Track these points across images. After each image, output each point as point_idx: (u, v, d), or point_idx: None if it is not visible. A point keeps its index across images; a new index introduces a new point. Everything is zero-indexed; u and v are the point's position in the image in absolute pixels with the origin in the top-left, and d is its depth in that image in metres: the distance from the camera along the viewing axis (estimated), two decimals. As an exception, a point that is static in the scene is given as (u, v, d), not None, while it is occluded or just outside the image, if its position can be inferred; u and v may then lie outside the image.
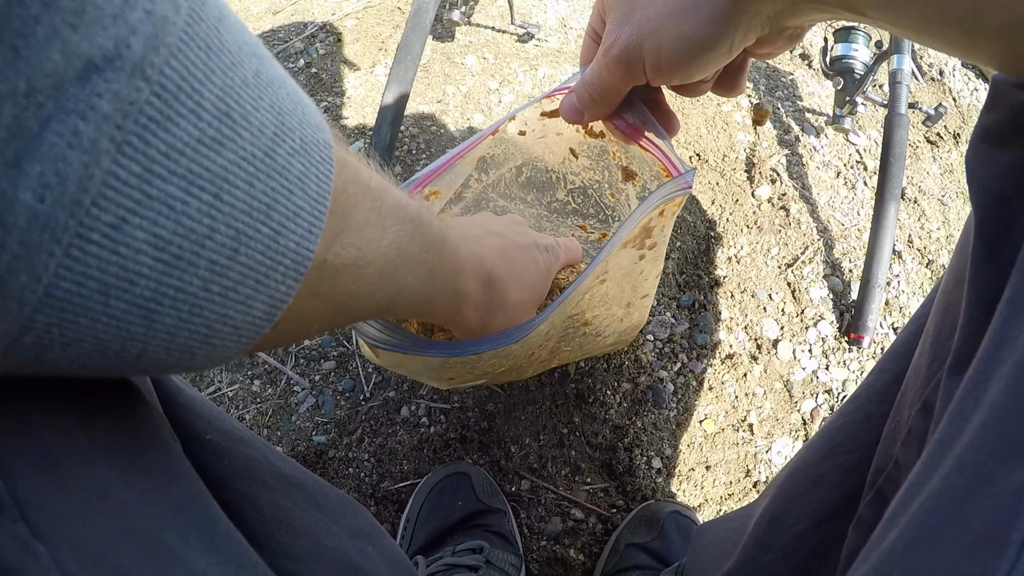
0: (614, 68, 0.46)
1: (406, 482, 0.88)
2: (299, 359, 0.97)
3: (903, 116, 1.07)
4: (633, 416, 0.92)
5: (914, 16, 0.31)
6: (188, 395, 0.46)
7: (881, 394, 0.46)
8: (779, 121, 1.23)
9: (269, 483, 0.49)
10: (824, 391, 0.97)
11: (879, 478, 0.40)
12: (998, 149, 0.31)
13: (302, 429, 0.92)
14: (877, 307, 0.99)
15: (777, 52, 0.46)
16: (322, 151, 0.28)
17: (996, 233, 0.30)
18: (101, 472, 0.26)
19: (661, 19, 0.41)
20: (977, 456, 0.24)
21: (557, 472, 0.88)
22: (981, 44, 0.30)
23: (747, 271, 1.05)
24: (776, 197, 1.12)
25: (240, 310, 0.25)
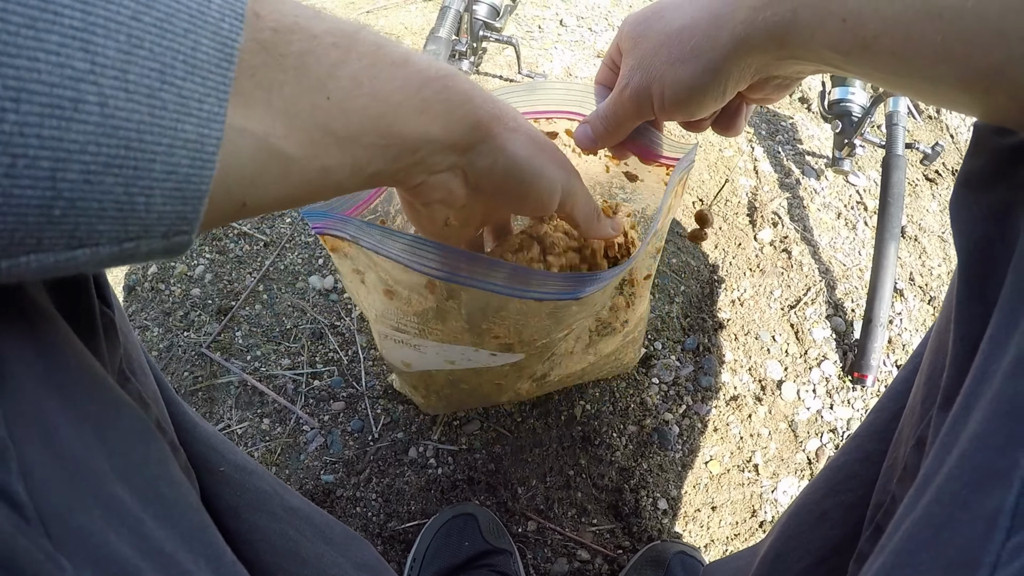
0: (627, 105, 0.50)
1: (413, 522, 0.89)
2: (308, 399, 0.99)
3: (900, 157, 1.10)
4: (639, 458, 0.93)
5: (883, 70, 0.34)
6: (204, 429, 0.48)
7: (880, 432, 0.48)
8: (780, 164, 1.25)
9: (279, 514, 0.51)
10: (829, 430, 0.98)
11: (878, 513, 0.42)
12: (980, 194, 0.33)
13: (310, 468, 0.93)
14: (880, 346, 1.00)
15: (770, 99, 0.51)
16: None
17: (979, 274, 0.32)
18: (119, 492, 0.28)
19: (664, 67, 0.45)
20: (954, 485, 0.25)
21: (563, 513, 0.89)
22: (948, 93, 0.32)
23: (750, 313, 1.06)
24: (778, 240, 1.14)
25: (185, 44, 0.25)
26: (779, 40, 0.38)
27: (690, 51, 0.43)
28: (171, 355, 1.03)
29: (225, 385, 1.00)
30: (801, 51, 0.37)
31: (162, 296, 1.10)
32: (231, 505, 0.46)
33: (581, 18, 1.51)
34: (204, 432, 0.48)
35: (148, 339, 1.05)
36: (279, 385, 1.00)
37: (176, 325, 1.06)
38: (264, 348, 1.04)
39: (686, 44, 0.43)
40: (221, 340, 1.05)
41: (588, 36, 1.47)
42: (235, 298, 1.08)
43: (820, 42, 0.35)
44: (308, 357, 1.03)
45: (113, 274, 1.12)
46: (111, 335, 0.37)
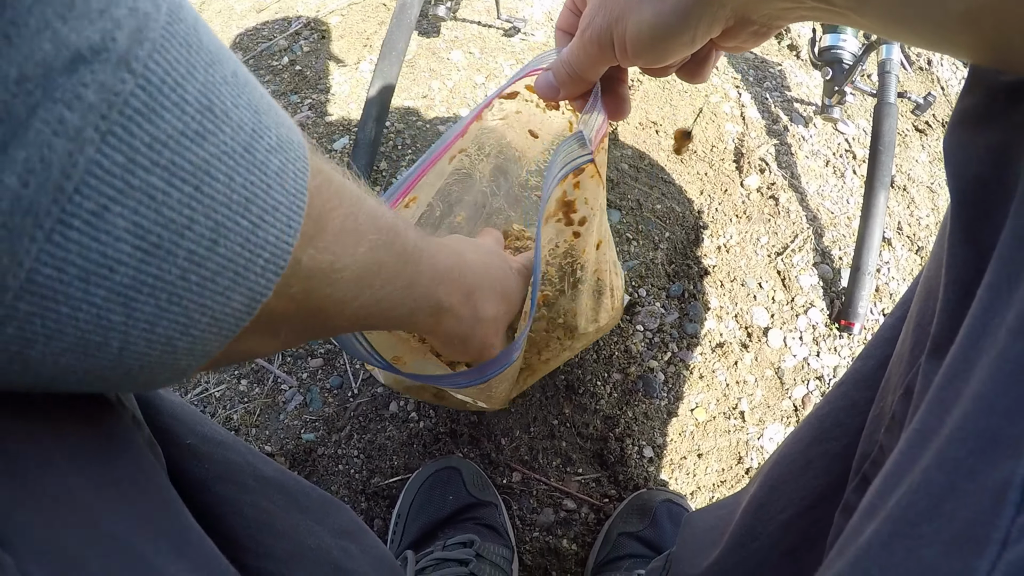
0: (589, 48, 0.47)
1: (396, 478, 0.87)
2: (286, 357, 0.96)
3: (892, 106, 1.07)
4: (624, 406, 0.91)
5: (884, 5, 0.30)
6: (169, 400, 0.46)
7: (866, 380, 0.46)
8: (767, 111, 1.22)
9: (250, 485, 0.49)
10: (815, 378, 0.97)
11: (864, 463, 0.40)
12: (975, 132, 0.30)
13: (290, 427, 0.91)
14: (867, 294, 0.98)
15: (743, 47, 0.46)
16: (297, 150, 0.28)
17: (973, 217, 0.29)
18: (69, 480, 0.26)
19: (627, 5, 0.41)
20: (958, 451, 0.23)
21: (548, 463, 0.88)
22: (950, 34, 0.29)
23: (737, 260, 1.04)
24: (765, 186, 1.12)
25: (219, 301, 0.25)
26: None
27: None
28: (144, 315, 1.01)
29: (200, 344, 0.98)
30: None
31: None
32: (199, 478, 0.44)
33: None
34: (169, 404, 0.46)
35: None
36: (255, 342, 0.98)
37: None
38: (239, 305, 1.01)
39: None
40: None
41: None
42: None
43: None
44: (284, 313, 1.00)
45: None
46: None
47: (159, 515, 0.30)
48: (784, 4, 0.36)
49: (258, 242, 0.26)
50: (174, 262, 0.23)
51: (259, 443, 0.91)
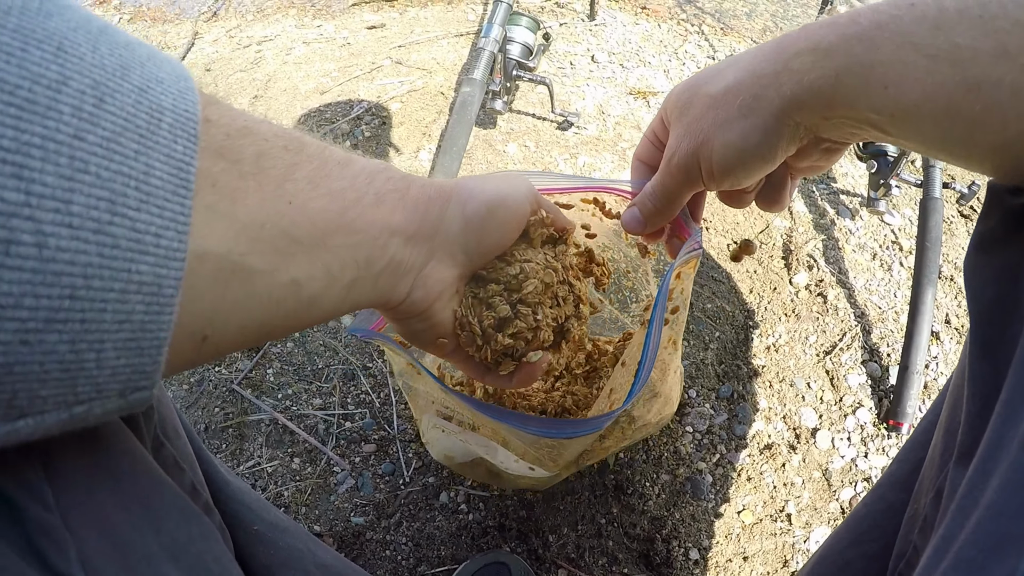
0: (676, 175, 0.49)
1: (443, 567, 0.88)
2: (339, 440, 0.99)
3: (938, 200, 1.08)
4: (671, 507, 0.92)
5: (924, 135, 0.34)
6: (236, 487, 0.49)
7: (901, 483, 0.48)
8: (814, 205, 1.24)
9: (312, 572, 0.51)
10: (863, 479, 0.96)
11: (900, 563, 0.42)
12: (991, 255, 0.33)
13: (341, 509, 0.93)
14: (916, 393, 0.98)
15: (817, 167, 0.49)
16: (167, 56, 0.27)
17: (990, 335, 0.32)
18: (171, 572, 0.29)
19: (712, 129, 0.44)
20: (970, 551, 0.26)
21: (595, 562, 0.88)
22: (978, 158, 0.33)
23: (785, 360, 1.05)
24: (813, 284, 1.13)
25: (134, 167, 0.22)
26: (827, 100, 0.38)
27: (737, 110, 0.42)
28: (202, 390, 1.04)
29: (256, 423, 1.01)
30: (848, 111, 0.37)
31: (196, 331, 1.11)
32: (265, 564, 0.47)
33: (612, 54, 1.52)
34: (237, 489, 0.48)
35: (179, 374, 1.06)
36: (310, 425, 1.01)
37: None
38: (295, 387, 1.04)
39: (732, 103, 0.43)
40: (252, 377, 1.06)
41: (619, 72, 1.47)
42: (268, 335, 1.09)
43: (866, 104, 0.36)
44: (340, 398, 1.03)
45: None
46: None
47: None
48: (850, 130, 0.39)
49: (152, 105, 0.24)
50: (60, 119, 0.20)
51: (308, 522, 0.93)
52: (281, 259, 0.30)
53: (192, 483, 0.40)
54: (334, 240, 0.33)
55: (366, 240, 0.35)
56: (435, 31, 1.62)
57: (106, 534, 0.27)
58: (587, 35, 1.58)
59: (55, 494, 0.25)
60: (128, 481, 0.29)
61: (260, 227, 0.29)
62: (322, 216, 0.32)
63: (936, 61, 0.32)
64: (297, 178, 0.31)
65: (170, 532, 0.31)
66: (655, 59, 1.51)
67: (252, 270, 0.29)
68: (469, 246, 0.44)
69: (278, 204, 0.30)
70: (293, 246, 0.31)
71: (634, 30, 1.59)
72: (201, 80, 1.60)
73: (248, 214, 0.28)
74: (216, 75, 1.60)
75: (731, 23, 1.59)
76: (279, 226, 0.30)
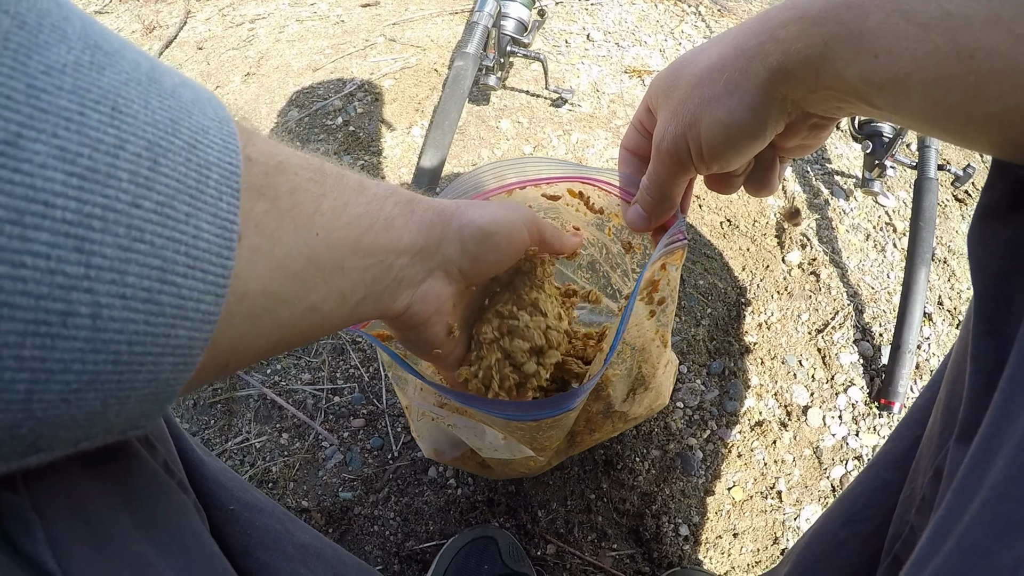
0: (666, 160, 0.48)
1: (431, 542, 0.88)
2: (328, 415, 0.98)
3: (933, 180, 1.08)
4: (661, 483, 0.92)
5: (915, 107, 0.33)
6: (211, 466, 0.48)
7: (897, 461, 0.47)
8: (809, 185, 1.24)
9: (289, 552, 0.50)
10: (854, 457, 0.96)
11: (896, 544, 0.41)
12: (997, 227, 0.32)
13: (329, 484, 0.93)
14: (908, 372, 0.98)
15: (806, 145, 0.48)
16: (205, 91, 0.28)
17: (994, 309, 0.31)
18: (145, 550, 0.28)
19: (699, 108, 0.43)
20: (976, 534, 0.25)
21: (584, 537, 0.88)
22: (973, 133, 0.32)
23: (777, 337, 1.05)
24: (807, 262, 1.13)
25: (185, 231, 0.23)
26: (815, 70, 0.37)
27: (723, 86, 0.41)
28: (193, 366, 1.03)
29: (244, 398, 1.00)
30: (836, 81, 0.36)
31: (185, 306, 1.10)
32: (241, 544, 0.46)
33: (608, 33, 1.50)
34: (212, 469, 0.47)
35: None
36: (299, 400, 1.00)
37: (198, 336, 1.06)
38: (284, 362, 1.04)
39: (718, 80, 0.42)
40: (243, 352, 1.05)
41: (615, 51, 1.46)
42: (257, 310, 1.08)
43: (854, 74, 0.35)
44: (328, 372, 1.02)
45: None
46: None
47: (207, 573, 0.32)
48: (837, 104, 0.39)
49: (200, 161, 0.24)
50: (118, 186, 0.20)
51: (296, 498, 0.92)
52: (304, 288, 0.32)
53: (165, 461, 0.39)
54: (349, 264, 0.35)
55: (376, 263, 0.38)
56: (430, 8, 1.61)
57: (77, 512, 0.26)
58: (583, 14, 1.56)
59: (23, 473, 0.25)
60: (99, 456, 0.29)
61: (293, 260, 0.30)
62: (342, 244, 0.34)
63: (927, 29, 0.31)
64: (323, 210, 0.33)
65: (146, 508, 0.30)
66: (651, 39, 1.49)
67: (281, 301, 0.30)
68: (465, 266, 0.46)
69: (307, 237, 0.31)
70: (316, 275, 0.32)
71: (631, 9, 1.58)
72: (194, 59, 1.59)
73: (284, 251, 0.30)
74: (208, 53, 1.59)
75: (728, 4, 1.58)
76: (307, 257, 0.31)
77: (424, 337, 0.48)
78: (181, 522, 0.32)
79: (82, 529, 0.26)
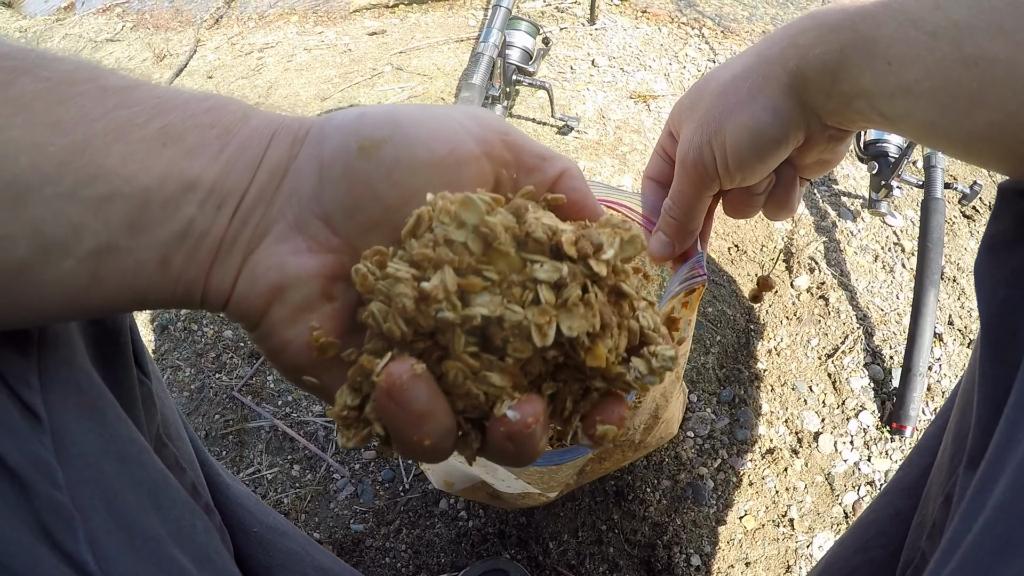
0: (691, 173, 0.48)
1: (443, 575, 0.88)
2: (339, 447, 0.99)
3: (939, 201, 1.07)
4: (673, 513, 0.91)
5: (923, 115, 0.35)
6: (236, 490, 0.49)
7: (909, 488, 0.47)
8: (815, 206, 1.24)
9: (310, 575, 0.51)
10: (866, 483, 0.95)
11: (907, 570, 0.41)
12: (1003, 257, 0.33)
13: (340, 516, 0.93)
14: (919, 395, 0.97)
15: (823, 164, 0.49)
16: None
17: (1001, 338, 0.32)
18: (178, 556, 0.29)
19: (724, 115, 0.44)
20: (977, 553, 0.26)
21: (595, 569, 0.88)
22: (977, 142, 0.33)
23: (787, 363, 1.05)
24: (815, 286, 1.13)
25: None
26: (832, 74, 0.38)
27: (747, 92, 0.43)
28: (202, 396, 1.04)
29: (256, 430, 1.01)
30: (851, 87, 0.38)
31: (195, 337, 1.11)
32: (264, 566, 0.47)
33: (613, 58, 1.51)
34: (237, 493, 0.49)
35: (180, 379, 1.06)
36: (310, 432, 1.00)
37: (208, 367, 1.07)
38: (295, 394, 1.04)
39: (742, 87, 0.43)
40: (253, 384, 1.06)
41: (620, 76, 1.47)
42: (268, 342, 1.09)
43: (868, 81, 0.36)
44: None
45: (145, 314, 1.14)
46: (148, 403, 0.38)
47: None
48: (850, 114, 0.40)
49: None
50: None
51: (308, 529, 0.92)
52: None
53: (193, 484, 0.41)
54: (53, 188, 0.24)
55: (128, 191, 0.25)
56: (435, 36, 1.63)
57: (114, 514, 0.27)
58: (587, 39, 1.58)
59: (64, 470, 0.25)
60: (135, 465, 0.30)
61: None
62: (34, 153, 0.23)
63: (935, 38, 0.32)
64: (11, 97, 0.23)
65: (176, 520, 0.31)
66: (656, 63, 1.50)
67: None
68: (333, 213, 0.28)
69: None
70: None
71: (634, 34, 1.59)
72: (204, 88, 1.61)
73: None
74: (218, 82, 1.61)
75: (731, 26, 1.59)
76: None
77: (270, 346, 0.29)
78: (207, 539, 0.33)
79: (118, 530, 0.26)
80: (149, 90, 0.26)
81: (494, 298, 0.26)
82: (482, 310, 0.26)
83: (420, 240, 0.27)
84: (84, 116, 0.24)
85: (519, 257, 0.27)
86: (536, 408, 0.27)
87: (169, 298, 0.27)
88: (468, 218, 0.26)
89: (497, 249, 0.26)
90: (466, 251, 0.26)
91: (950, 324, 1.10)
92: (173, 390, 1.06)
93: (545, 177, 0.32)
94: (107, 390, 0.31)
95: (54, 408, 0.27)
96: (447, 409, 0.27)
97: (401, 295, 0.26)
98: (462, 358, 0.27)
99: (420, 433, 0.26)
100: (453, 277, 0.26)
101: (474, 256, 0.26)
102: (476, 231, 0.26)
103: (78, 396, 0.28)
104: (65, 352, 0.29)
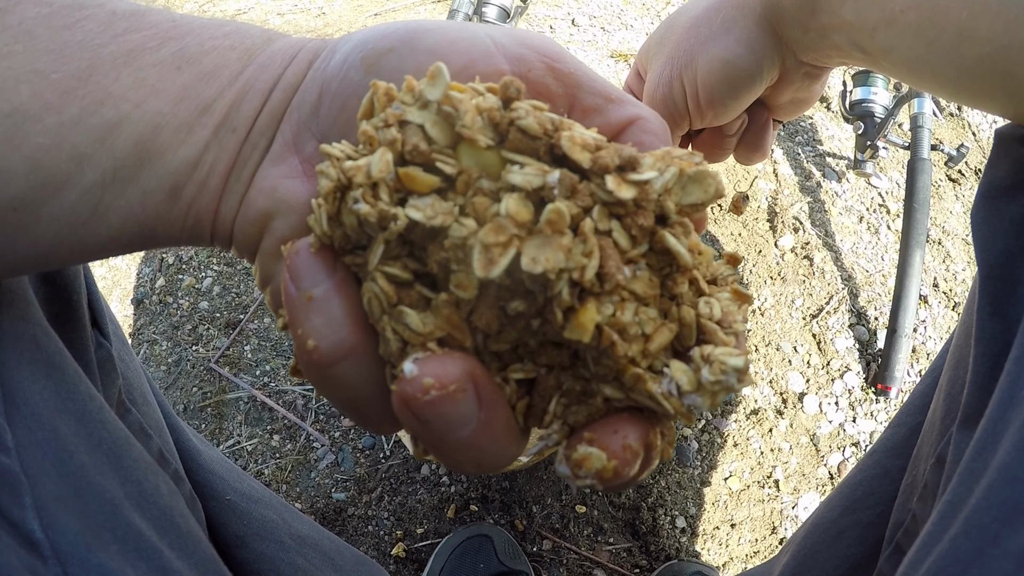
0: (660, 110, 0.46)
1: (426, 541, 0.87)
2: (318, 415, 0.97)
3: (926, 161, 1.06)
4: (657, 475, 0.91)
5: (908, 48, 0.32)
6: (208, 456, 0.47)
7: (898, 448, 0.46)
8: (800, 167, 1.22)
9: (286, 543, 0.50)
10: (851, 444, 0.95)
11: (898, 532, 0.40)
12: (1000, 205, 0.31)
13: (321, 486, 0.92)
14: (904, 356, 0.97)
15: (798, 103, 0.47)
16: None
17: (1000, 290, 0.30)
18: (136, 520, 0.27)
19: (696, 47, 0.42)
20: (983, 518, 0.24)
21: (579, 532, 0.87)
22: (967, 79, 0.31)
23: (772, 323, 1.04)
24: (799, 246, 1.11)
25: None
26: (810, 5, 0.36)
27: (720, 25, 0.41)
28: (180, 370, 1.02)
29: (234, 401, 0.99)
30: (830, 19, 0.36)
31: (170, 309, 1.09)
32: (237, 534, 0.45)
33: (593, 17, 1.48)
34: (209, 459, 0.47)
35: (157, 353, 1.04)
36: (289, 401, 0.99)
37: (184, 339, 1.05)
38: (273, 363, 1.02)
39: (715, 20, 0.41)
40: (229, 355, 1.03)
41: (601, 35, 1.44)
42: (243, 311, 1.07)
43: (848, 12, 0.34)
44: (318, 372, 1.01)
45: (121, 286, 1.11)
46: (108, 367, 0.36)
47: (212, 567, 0.32)
48: (828, 50, 0.38)
49: None
50: None
51: (289, 499, 0.91)
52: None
53: (160, 450, 0.39)
54: (56, 117, 0.22)
55: (138, 117, 0.23)
56: (412, -2, 1.58)
57: (66, 477, 0.25)
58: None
59: (14, 432, 0.24)
60: (95, 424, 0.28)
61: None
62: (35, 81, 0.22)
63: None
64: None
65: (137, 482, 0.29)
66: (637, 22, 1.47)
67: None
68: (328, 132, 0.25)
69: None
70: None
71: (616, -6, 1.55)
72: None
73: None
74: (188, 48, 1.56)
75: (715, -15, 1.56)
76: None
77: (273, 289, 0.26)
78: (171, 502, 0.31)
79: (70, 496, 0.25)
80: (162, 14, 0.24)
81: (443, 204, 0.19)
82: (415, 213, 0.19)
83: (371, 120, 0.21)
84: (90, 41, 0.22)
85: (498, 156, 0.20)
86: (449, 370, 0.20)
87: (178, 232, 0.25)
88: (432, 94, 0.20)
89: (468, 140, 0.20)
90: (422, 136, 0.20)
91: (935, 287, 1.09)
92: (150, 364, 1.03)
93: (607, 123, 0.25)
94: (63, 346, 0.29)
95: (5, 365, 0.25)
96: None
97: (322, 175, 0.21)
98: (375, 278, 0.20)
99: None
100: (388, 163, 0.19)
101: (434, 146, 0.20)
102: (440, 113, 0.20)
103: (33, 352, 0.26)
104: (21, 307, 0.27)
